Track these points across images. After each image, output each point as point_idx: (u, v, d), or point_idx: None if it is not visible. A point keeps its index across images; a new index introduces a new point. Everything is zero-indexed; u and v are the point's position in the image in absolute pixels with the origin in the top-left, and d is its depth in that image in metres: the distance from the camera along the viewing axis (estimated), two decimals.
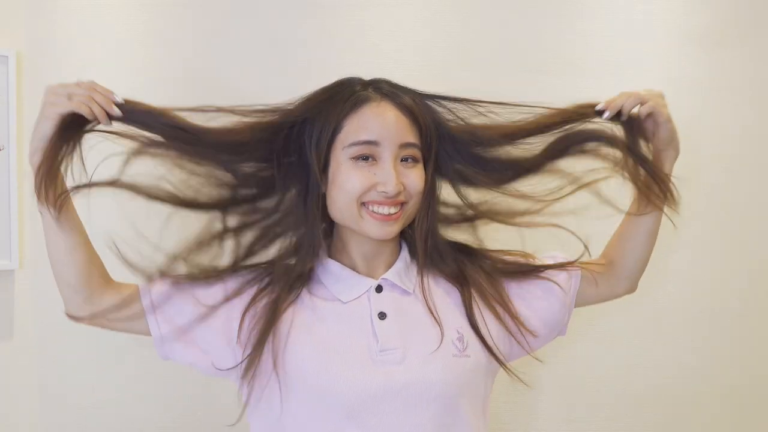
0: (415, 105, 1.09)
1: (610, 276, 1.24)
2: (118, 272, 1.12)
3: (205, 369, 1.10)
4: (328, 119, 1.07)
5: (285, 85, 1.59)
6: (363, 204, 1.06)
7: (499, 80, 1.67)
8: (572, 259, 1.21)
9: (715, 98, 1.76)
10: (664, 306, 1.75)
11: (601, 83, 1.71)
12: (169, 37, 1.56)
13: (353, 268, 1.12)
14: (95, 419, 1.56)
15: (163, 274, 1.08)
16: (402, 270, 1.13)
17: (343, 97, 1.07)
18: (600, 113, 1.15)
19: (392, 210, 1.06)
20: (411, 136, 1.07)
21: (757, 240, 1.79)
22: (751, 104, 1.77)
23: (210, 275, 1.09)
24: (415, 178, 1.07)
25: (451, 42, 1.65)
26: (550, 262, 1.21)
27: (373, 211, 1.05)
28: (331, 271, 1.11)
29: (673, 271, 1.75)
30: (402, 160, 1.07)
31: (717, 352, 1.78)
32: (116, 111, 1.03)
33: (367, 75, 1.14)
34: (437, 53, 1.65)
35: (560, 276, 1.19)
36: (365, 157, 1.05)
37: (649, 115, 1.14)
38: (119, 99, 1.04)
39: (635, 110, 1.14)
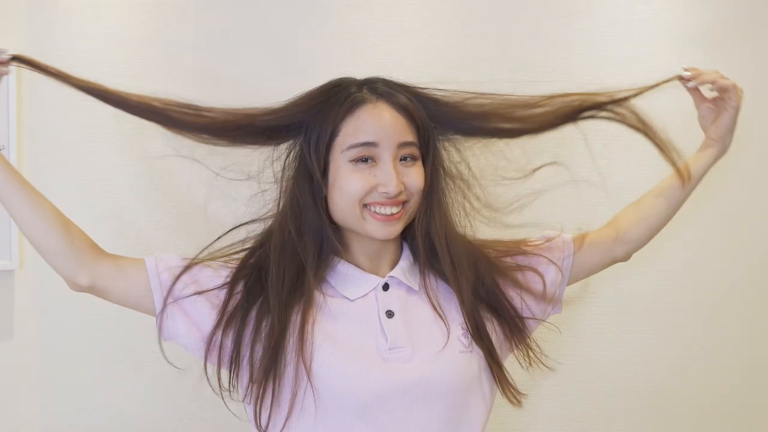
0: (410, 103, 1.09)
1: (613, 241, 1.26)
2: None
3: (201, 355, 1.12)
4: (324, 123, 1.07)
5: (285, 84, 1.59)
6: (365, 205, 1.06)
7: (499, 81, 1.66)
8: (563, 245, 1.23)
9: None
10: (664, 305, 1.75)
11: (601, 83, 1.71)
12: (169, 37, 1.56)
13: (358, 266, 1.12)
14: (95, 419, 1.56)
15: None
16: (407, 268, 1.13)
17: (339, 100, 1.07)
18: (681, 78, 1.25)
19: (394, 210, 1.06)
20: (409, 135, 1.07)
21: (757, 240, 1.79)
22: (751, 104, 1.77)
23: (221, 264, 1.13)
24: (415, 176, 1.08)
25: (451, 42, 1.65)
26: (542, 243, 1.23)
27: (375, 212, 1.06)
28: (338, 270, 1.12)
29: (674, 271, 1.75)
30: (401, 159, 1.07)
31: (718, 352, 1.78)
32: (4, 56, 1.08)
33: (366, 75, 1.14)
34: (437, 53, 1.65)
35: (549, 266, 1.20)
36: (364, 159, 1.05)
37: (725, 94, 1.23)
38: (9, 49, 1.10)
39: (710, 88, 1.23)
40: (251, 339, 1.07)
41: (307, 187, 1.09)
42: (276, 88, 1.58)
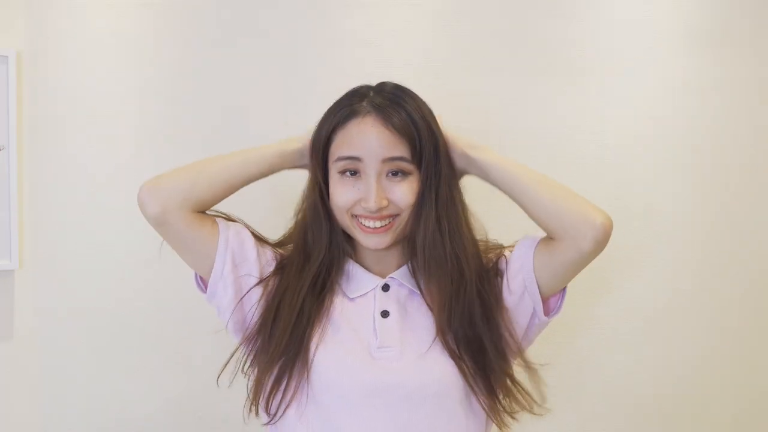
0: (405, 116, 1.06)
1: (555, 241, 1.10)
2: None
3: (233, 324, 1.13)
4: (322, 130, 1.09)
5: (286, 84, 1.60)
6: (354, 216, 1.08)
7: (499, 80, 1.67)
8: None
9: (716, 98, 1.76)
10: (665, 308, 1.75)
11: (601, 83, 1.71)
12: (169, 37, 1.56)
13: (366, 267, 1.14)
14: (95, 419, 1.56)
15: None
16: (411, 272, 1.14)
17: (336, 110, 1.09)
18: None
19: (377, 224, 1.07)
20: (396, 150, 1.05)
21: (759, 241, 1.79)
22: (752, 104, 1.78)
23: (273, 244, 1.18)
24: (402, 192, 1.07)
25: (451, 42, 1.65)
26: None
27: (362, 224, 1.08)
28: (345, 269, 1.14)
29: (676, 273, 1.75)
30: (392, 174, 1.07)
31: (718, 353, 1.78)
32: None
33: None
34: (438, 53, 1.65)
35: (512, 263, 1.13)
36: (352, 172, 1.07)
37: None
38: None
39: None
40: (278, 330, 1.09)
41: (317, 190, 1.11)
42: (276, 88, 1.60)
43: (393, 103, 1.07)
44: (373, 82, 1.12)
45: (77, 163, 1.52)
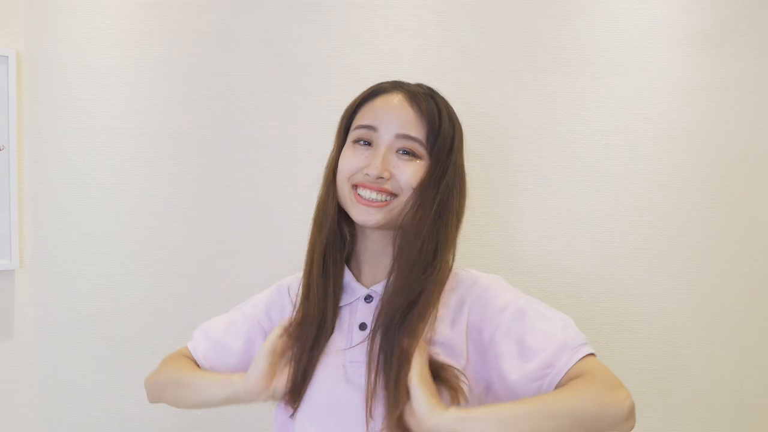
0: (432, 105, 1.06)
1: None
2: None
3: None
4: (350, 107, 1.10)
5: (286, 84, 1.60)
6: (354, 186, 1.05)
7: (499, 80, 1.67)
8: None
9: (716, 98, 1.76)
10: (665, 308, 1.75)
11: (601, 83, 1.71)
12: (170, 38, 1.56)
13: (358, 274, 1.11)
14: (95, 419, 1.56)
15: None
16: None
17: (368, 89, 1.10)
18: None
19: (374, 195, 1.03)
20: (413, 130, 1.04)
21: (759, 241, 1.78)
22: (753, 104, 1.77)
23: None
24: (407, 171, 1.04)
25: (451, 42, 1.65)
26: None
27: (359, 195, 1.04)
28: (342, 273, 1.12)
29: (676, 273, 1.75)
30: (401, 152, 1.04)
31: (718, 353, 1.78)
32: None
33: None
34: (437, 53, 1.65)
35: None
36: (365, 142, 1.05)
37: None
38: None
39: None
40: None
41: (333, 162, 1.09)
42: (276, 88, 1.60)
43: (425, 94, 1.08)
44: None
45: (77, 163, 1.52)
